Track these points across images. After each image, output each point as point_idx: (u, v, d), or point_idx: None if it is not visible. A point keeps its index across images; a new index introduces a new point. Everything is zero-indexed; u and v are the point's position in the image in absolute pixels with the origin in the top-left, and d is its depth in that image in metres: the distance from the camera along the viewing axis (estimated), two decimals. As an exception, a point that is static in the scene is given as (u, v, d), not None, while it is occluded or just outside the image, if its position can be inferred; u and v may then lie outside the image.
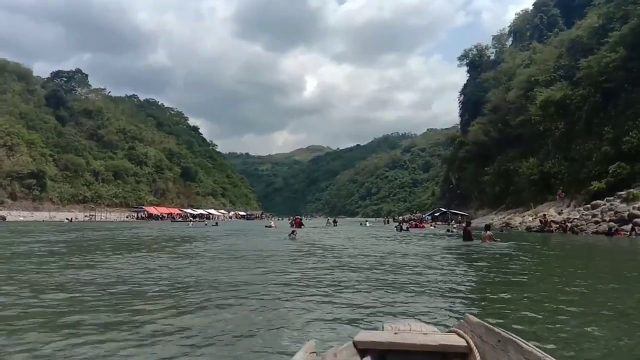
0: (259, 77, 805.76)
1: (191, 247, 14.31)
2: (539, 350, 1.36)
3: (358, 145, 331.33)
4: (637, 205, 27.22)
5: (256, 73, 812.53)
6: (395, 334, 1.73)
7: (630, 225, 25.58)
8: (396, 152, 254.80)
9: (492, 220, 52.42)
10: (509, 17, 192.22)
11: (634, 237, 23.47)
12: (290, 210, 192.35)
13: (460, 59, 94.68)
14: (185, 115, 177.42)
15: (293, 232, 18.88)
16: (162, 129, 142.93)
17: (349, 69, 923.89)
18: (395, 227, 36.04)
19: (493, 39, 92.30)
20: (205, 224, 42.69)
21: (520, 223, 39.22)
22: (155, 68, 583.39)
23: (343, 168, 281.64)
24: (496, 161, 62.41)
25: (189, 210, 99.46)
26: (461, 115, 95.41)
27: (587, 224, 28.92)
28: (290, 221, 41.44)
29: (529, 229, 33.83)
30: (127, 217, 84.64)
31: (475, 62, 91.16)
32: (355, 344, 1.70)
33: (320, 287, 6.40)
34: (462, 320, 1.84)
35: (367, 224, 55.70)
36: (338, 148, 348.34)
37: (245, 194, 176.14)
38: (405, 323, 1.89)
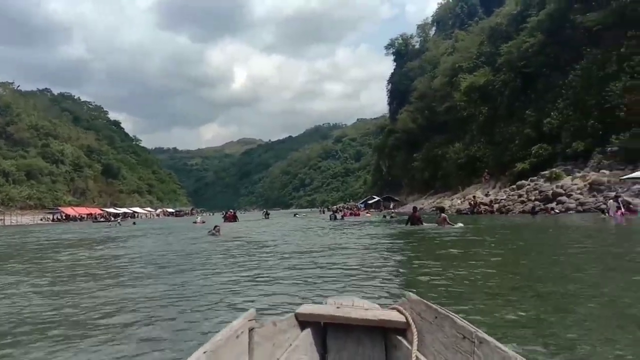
0: (185, 69, 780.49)
1: (77, 254, 11.60)
2: (471, 325, 1.39)
3: (290, 136, 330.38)
4: (559, 184, 28.18)
5: (182, 65, 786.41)
6: (338, 307, 1.73)
7: (555, 204, 26.42)
8: (328, 142, 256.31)
9: (423, 204, 53.44)
10: (432, 9, 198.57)
11: (548, 215, 24.17)
12: (222, 204, 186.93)
13: (387, 47, 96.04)
14: (105, 110, 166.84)
15: (216, 227, 17.01)
16: (80, 124, 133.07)
17: (279, 60, 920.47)
18: (330, 216, 35.05)
19: (417, 28, 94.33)
20: (119, 224, 38.90)
21: (449, 206, 39.81)
22: (72, 61, 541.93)
23: (276, 160, 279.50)
24: (424, 147, 63.69)
25: (112, 210, 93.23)
26: (389, 104, 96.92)
27: (514, 204, 29.63)
28: (222, 215, 39.26)
29: (459, 211, 34.26)
30: (41, 219, 77.51)
31: (401, 51, 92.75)
32: (296, 315, 1.70)
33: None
34: (403, 298, 1.83)
35: (302, 215, 54.59)
36: (270, 140, 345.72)
37: (173, 190, 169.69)
38: (349, 299, 1.88)
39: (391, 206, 60.19)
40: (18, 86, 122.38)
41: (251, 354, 1.42)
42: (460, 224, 16.22)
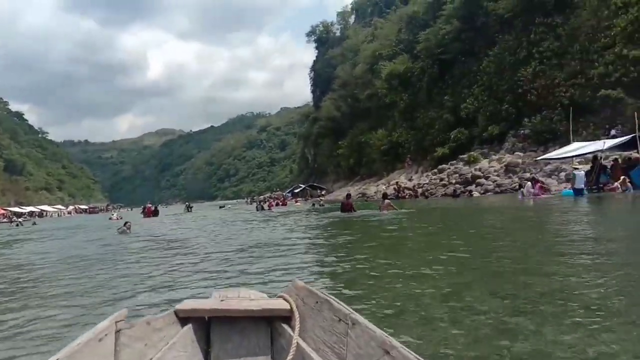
0: (95, 56, 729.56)
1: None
2: (347, 307, 1.44)
3: (212, 126, 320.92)
4: (477, 167, 29.08)
5: (91, 51, 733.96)
6: (222, 300, 1.69)
7: (474, 186, 27.18)
8: (252, 132, 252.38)
9: (349, 191, 53.71)
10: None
11: (471, 197, 24.77)
12: (143, 199, 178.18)
13: (308, 35, 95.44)
14: (5, 100, 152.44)
15: (126, 224, 15.18)
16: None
17: (197, 47, 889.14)
18: (256, 207, 33.72)
19: (337, 15, 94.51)
20: (20, 224, 34.86)
21: (375, 192, 40.04)
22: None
23: (198, 151, 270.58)
24: (349, 135, 63.97)
25: (16, 209, 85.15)
26: (313, 92, 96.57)
27: (436, 188, 30.22)
28: (141, 211, 36.71)
29: (396, 196, 34.25)
30: None
31: (322, 38, 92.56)
32: (176, 312, 1.62)
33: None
34: (290, 285, 1.83)
35: (228, 206, 52.73)
36: (191, 130, 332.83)
37: (87, 186, 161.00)
38: (235, 290, 1.84)
39: (322, 193, 59.89)
40: None
41: (117, 357, 1.29)
42: (403, 210, 15.87)
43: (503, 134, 31.75)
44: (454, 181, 29.36)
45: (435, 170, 33.45)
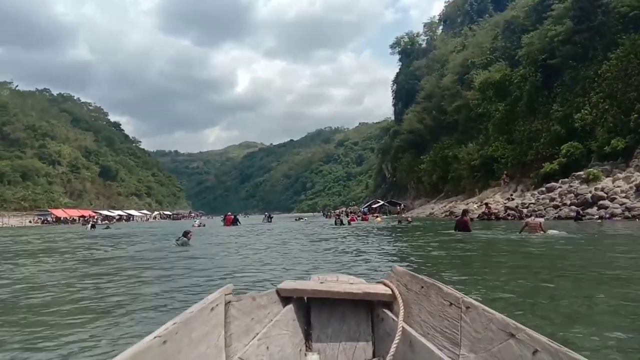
0: (188, 73, 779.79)
1: None
2: (457, 292, 1.39)
3: (291, 140, 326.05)
4: (598, 187, 24.51)
5: (186, 68, 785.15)
6: (322, 282, 1.70)
7: (596, 209, 22.74)
8: (329, 146, 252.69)
9: (433, 209, 49.81)
10: (437, 11, 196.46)
11: (602, 222, 20.40)
12: (223, 208, 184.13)
13: (392, 46, 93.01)
14: (105, 111, 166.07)
15: (186, 234, 12.91)
16: (79, 125, 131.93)
17: (282, 65, 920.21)
18: (335, 221, 31.07)
19: (424, 26, 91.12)
20: (90, 227, 34.87)
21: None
22: (75, 63, 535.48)
23: (277, 164, 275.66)
24: (432, 149, 60.22)
25: (105, 212, 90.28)
26: (394, 105, 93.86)
27: (545, 209, 25.84)
28: (222, 219, 36.45)
29: (480, 217, 30.26)
30: (29, 221, 74.22)
31: (407, 50, 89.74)
32: (278, 291, 1.65)
33: None
34: (389, 271, 1.78)
35: (305, 219, 51.00)
36: (272, 144, 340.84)
37: (173, 193, 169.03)
38: (333, 275, 1.82)
39: (401, 209, 56.61)
40: (17, 86, 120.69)
41: (227, 327, 1.33)
42: (557, 232, 12.49)
43: (630, 149, 26.60)
44: (568, 202, 24.95)
45: (543, 189, 28.97)
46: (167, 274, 6.90)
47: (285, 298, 1.65)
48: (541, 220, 13.24)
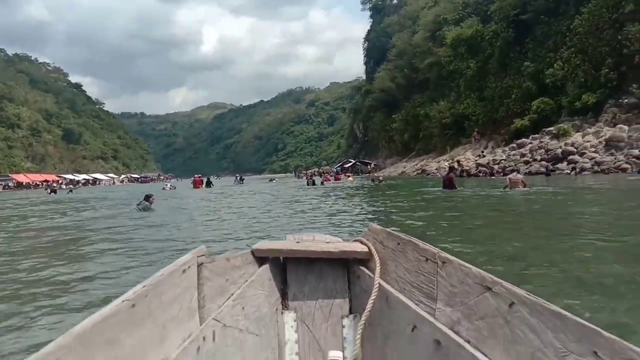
0: (152, 31, 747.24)
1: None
2: (434, 247, 1.40)
3: (262, 100, 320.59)
4: (569, 142, 24.71)
5: (149, 26, 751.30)
6: (297, 242, 1.67)
7: (565, 163, 22.97)
8: (301, 106, 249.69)
9: (404, 168, 49.99)
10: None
11: (574, 176, 20.61)
12: (193, 171, 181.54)
13: (363, 2, 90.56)
14: (65, 72, 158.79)
15: (148, 198, 12.13)
16: (37, 86, 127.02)
17: (250, 22, 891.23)
18: (307, 181, 30.58)
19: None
20: (50, 192, 34.03)
21: (436, 169, 36.12)
22: (30, 21, 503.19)
23: (247, 125, 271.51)
24: (404, 108, 59.92)
25: (70, 176, 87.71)
26: (366, 64, 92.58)
27: (515, 165, 25.96)
28: (192, 181, 36.13)
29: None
30: (-13, 188, 71.27)
31: (378, 5, 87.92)
32: (253, 251, 1.63)
33: None
34: (366, 230, 1.77)
35: (276, 180, 50.47)
36: (241, 104, 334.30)
37: (141, 156, 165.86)
38: (310, 234, 1.82)
39: (371, 169, 56.73)
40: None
41: (200, 289, 1.31)
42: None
43: (600, 104, 26.75)
44: (538, 158, 25.17)
45: (514, 145, 29.11)
46: (117, 247, 6.11)
47: (261, 258, 1.63)
48: (521, 176, 13.10)
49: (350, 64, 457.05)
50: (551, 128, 27.09)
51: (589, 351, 0.79)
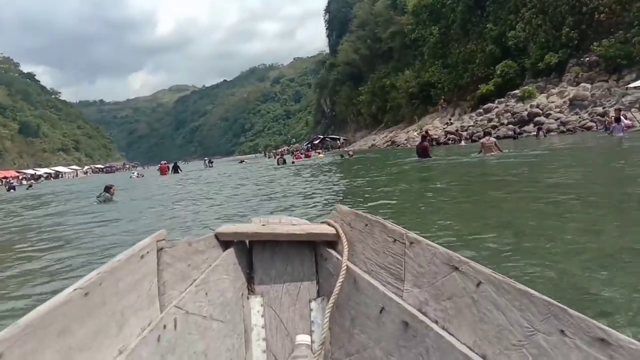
0: (105, 13, 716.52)
1: None
2: (402, 228, 1.39)
3: (225, 80, 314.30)
4: (534, 103, 24.83)
5: (101, 8, 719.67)
6: (263, 225, 1.63)
7: (532, 125, 23.10)
8: (265, 84, 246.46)
9: (374, 140, 49.83)
10: None
11: (542, 137, 20.72)
12: (159, 157, 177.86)
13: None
14: (16, 62, 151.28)
15: (109, 189, 11.37)
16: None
17: None
18: (277, 160, 29.99)
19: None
20: (8, 189, 32.62)
21: (406, 140, 36.04)
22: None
23: (212, 106, 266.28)
24: (369, 79, 59.47)
25: (31, 171, 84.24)
26: (328, 36, 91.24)
27: (483, 130, 26.00)
28: (158, 168, 35.59)
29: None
30: (-59, 190, 67.69)
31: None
32: (216, 235, 1.57)
33: None
34: (333, 211, 1.74)
35: (246, 161, 49.69)
36: (204, 85, 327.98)
37: (104, 145, 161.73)
38: (276, 217, 1.77)
39: (340, 144, 56.36)
40: None
41: (160, 275, 1.26)
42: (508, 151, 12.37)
43: (563, 64, 26.92)
44: (505, 121, 25.27)
45: (481, 111, 29.17)
46: (64, 245, 5.58)
47: (225, 242, 1.57)
48: (494, 140, 12.89)
49: (313, 38, 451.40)
50: (516, 91, 27.21)
51: (556, 329, 0.80)
